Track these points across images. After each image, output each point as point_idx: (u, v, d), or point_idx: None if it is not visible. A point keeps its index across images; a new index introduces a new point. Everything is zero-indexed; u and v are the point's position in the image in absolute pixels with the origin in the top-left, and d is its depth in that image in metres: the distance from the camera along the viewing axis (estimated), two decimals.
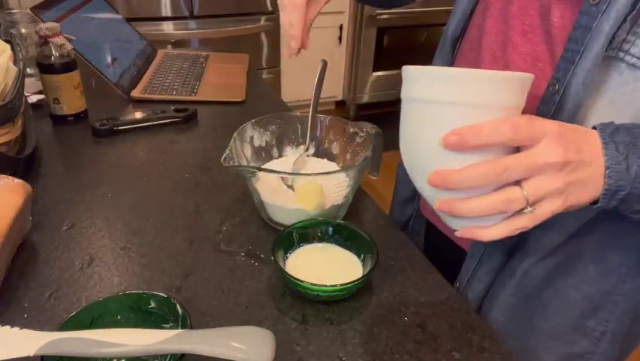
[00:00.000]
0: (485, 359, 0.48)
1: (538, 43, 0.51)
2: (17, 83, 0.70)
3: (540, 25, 0.50)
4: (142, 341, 0.38)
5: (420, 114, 0.43)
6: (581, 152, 0.41)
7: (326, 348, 0.48)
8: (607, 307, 0.56)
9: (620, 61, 0.44)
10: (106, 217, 0.65)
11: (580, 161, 0.40)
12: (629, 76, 0.44)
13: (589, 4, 0.44)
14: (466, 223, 0.44)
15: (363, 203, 0.71)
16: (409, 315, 0.52)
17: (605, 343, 0.57)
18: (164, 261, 0.58)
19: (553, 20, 0.49)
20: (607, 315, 0.56)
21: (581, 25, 0.45)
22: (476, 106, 0.40)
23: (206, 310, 0.51)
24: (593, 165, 0.41)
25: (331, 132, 0.73)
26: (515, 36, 0.53)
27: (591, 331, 0.57)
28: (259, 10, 2.45)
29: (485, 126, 0.39)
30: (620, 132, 0.42)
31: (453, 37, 0.64)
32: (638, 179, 0.40)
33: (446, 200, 0.42)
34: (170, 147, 0.85)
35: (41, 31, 0.83)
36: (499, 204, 0.40)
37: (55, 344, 0.38)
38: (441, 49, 0.67)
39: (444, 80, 0.40)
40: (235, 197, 0.71)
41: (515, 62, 0.53)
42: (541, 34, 0.51)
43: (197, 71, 1.18)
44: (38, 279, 0.54)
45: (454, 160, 0.40)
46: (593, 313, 0.56)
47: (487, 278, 0.60)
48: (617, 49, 0.44)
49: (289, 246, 0.58)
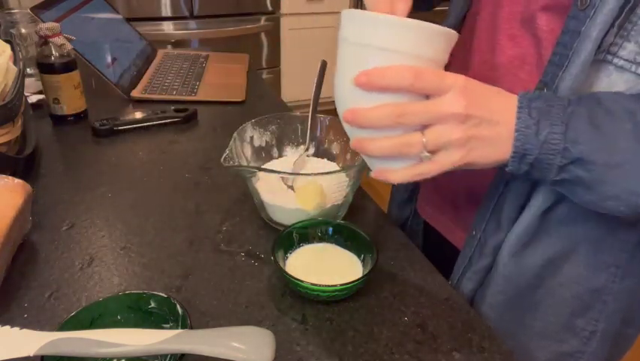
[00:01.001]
0: (485, 359, 0.48)
1: (526, 47, 0.51)
2: (17, 83, 0.70)
3: (528, 28, 0.51)
4: (142, 341, 0.38)
5: (346, 54, 0.45)
6: (488, 110, 0.42)
7: (326, 348, 0.48)
8: (596, 307, 0.56)
9: (608, 63, 0.44)
10: (106, 217, 0.65)
11: (484, 118, 0.42)
12: (617, 78, 0.45)
13: (577, 9, 0.44)
14: (378, 165, 0.47)
15: (363, 203, 0.71)
16: (409, 315, 0.52)
17: (594, 343, 0.57)
18: (164, 261, 0.58)
19: (540, 25, 0.49)
20: (596, 315, 0.56)
21: (570, 30, 0.45)
22: (396, 52, 0.42)
23: (206, 310, 0.51)
24: (501, 126, 0.42)
25: (331, 132, 0.73)
26: (503, 39, 0.53)
27: (580, 330, 0.57)
28: (259, 10, 2.45)
29: (390, 69, 0.41)
30: (540, 99, 0.42)
31: None
32: (548, 145, 0.41)
33: (358, 138, 0.45)
34: (170, 147, 0.85)
35: (41, 31, 0.83)
36: (399, 145, 0.43)
37: (55, 344, 0.38)
38: None
39: (372, 24, 0.42)
40: (235, 197, 0.71)
41: (503, 65, 0.53)
42: (529, 37, 0.51)
43: (197, 71, 1.18)
44: (38, 279, 0.54)
45: (367, 101, 0.43)
46: (583, 312, 0.56)
47: (476, 278, 0.60)
48: (605, 52, 0.44)
49: (289, 246, 0.58)
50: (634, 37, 0.42)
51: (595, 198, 0.43)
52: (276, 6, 2.48)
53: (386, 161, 0.46)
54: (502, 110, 0.43)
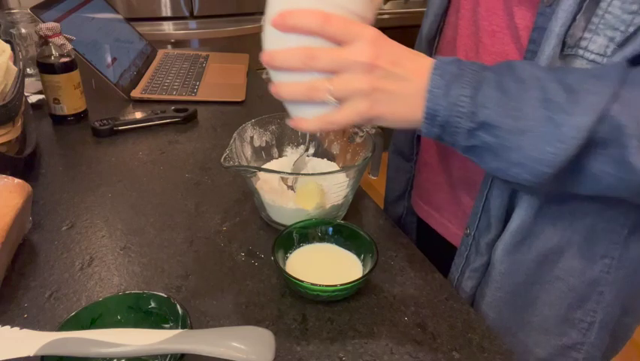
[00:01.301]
0: (485, 359, 0.48)
1: (507, 43, 0.52)
2: (17, 83, 0.70)
3: (507, 25, 0.51)
4: (142, 341, 0.38)
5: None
6: (398, 65, 0.43)
7: (326, 348, 0.48)
8: (593, 298, 0.56)
9: (580, 58, 0.45)
10: (106, 217, 0.65)
11: (392, 72, 0.43)
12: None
13: (544, 5, 0.45)
14: (294, 113, 0.49)
15: (363, 203, 0.71)
16: (409, 315, 0.52)
17: (593, 333, 0.58)
18: (164, 261, 0.58)
19: (517, 22, 0.50)
20: (594, 305, 0.56)
21: (538, 27, 0.46)
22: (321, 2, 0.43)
23: (206, 310, 0.51)
24: (410, 82, 0.43)
25: (331, 132, 0.73)
26: (485, 37, 0.54)
27: (579, 322, 0.58)
28: (259, 10, 2.45)
29: (302, 11, 0.43)
30: (455, 64, 0.43)
31: (428, 37, 0.66)
32: (457, 107, 0.42)
33: (275, 83, 0.47)
34: (170, 147, 0.85)
35: (41, 31, 0.83)
36: (306, 89, 0.45)
37: (55, 344, 0.38)
38: (418, 46, 0.69)
39: None
40: (235, 197, 0.71)
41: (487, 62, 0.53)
42: (509, 34, 0.51)
43: (197, 71, 1.18)
44: (38, 279, 0.54)
45: (283, 44, 0.44)
46: (580, 304, 0.57)
47: (476, 275, 0.60)
48: (575, 47, 0.44)
49: (289, 246, 0.58)
50: (602, 30, 0.43)
51: (501, 165, 0.44)
52: None
53: (299, 108, 0.48)
54: (415, 69, 0.44)
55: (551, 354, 0.60)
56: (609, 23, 0.42)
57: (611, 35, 0.42)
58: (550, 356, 0.60)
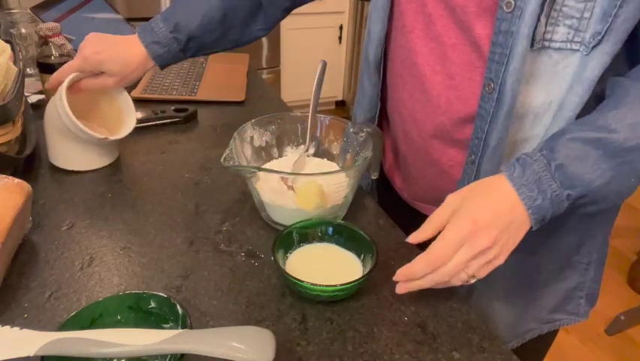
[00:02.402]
0: (485, 359, 0.48)
1: (470, 52, 0.56)
2: (17, 83, 0.70)
3: (465, 37, 0.56)
4: (142, 341, 0.38)
5: None
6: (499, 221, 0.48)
7: (326, 348, 0.48)
8: (588, 242, 0.64)
9: (547, 49, 0.51)
10: (106, 217, 0.65)
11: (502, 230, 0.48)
12: (557, 57, 0.51)
13: (504, 11, 0.50)
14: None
15: (363, 203, 0.71)
16: (409, 315, 0.52)
17: (591, 271, 0.66)
18: (164, 261, 0.58)
19: (477, 32, 0.54)
20: (589, 248, 0.64)
21: (502, 31, 0.51)
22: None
23: (206, 310, 0.51)
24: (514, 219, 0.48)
25: (331, 132, 0.73)
26: (448, 51, 0.58)
27: (578, 264, 0.65)
28: None
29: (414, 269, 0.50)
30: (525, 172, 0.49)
31: (375, 61, 0.69)
32: (555, 201, 0.48)
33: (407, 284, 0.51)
34: (170, 147, 0.85)
35: (41, 31, 0.83)
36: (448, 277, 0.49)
37: (55, 344, 0.38)
38: (366, 71, 0.72)
39: None
40: (235, 197, 0.71)
41: (455, 72, 0.58)
42: (468, 44, 0.56)
43: (197, 71, 1.18)
44: (38, 279, 0.54)
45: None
46: (577, 249, 0.64)
47: None
48: (541, 41, 0.50)
49: (289, 246, 0.58)
50: (561, 21, 0.49)
51: (602, 207, 0.51)
52: None
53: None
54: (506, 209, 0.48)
55: (559, 300, 0.67)
56: (567, 14, 0.48)
57: (569, 24, 0.49)
58: (558, 302, 0.67)
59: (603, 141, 0.47)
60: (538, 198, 0.48)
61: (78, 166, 0.75)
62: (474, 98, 0.57)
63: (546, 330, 0.70)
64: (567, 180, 0.48)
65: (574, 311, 0.68)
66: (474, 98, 0.57)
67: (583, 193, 0.48)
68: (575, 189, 0.48)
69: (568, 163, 0.48)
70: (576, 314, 0.68)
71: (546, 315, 0.68)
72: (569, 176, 0.48)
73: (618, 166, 0.48)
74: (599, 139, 0.48)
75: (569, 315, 0.68)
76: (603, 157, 0.47)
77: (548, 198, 0.48)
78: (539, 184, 0.48)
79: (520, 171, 0.49)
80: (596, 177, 0.48)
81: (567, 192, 0.48)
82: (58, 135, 0.72)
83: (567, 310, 0.68)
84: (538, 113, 0.55)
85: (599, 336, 1.65)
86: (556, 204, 0.48)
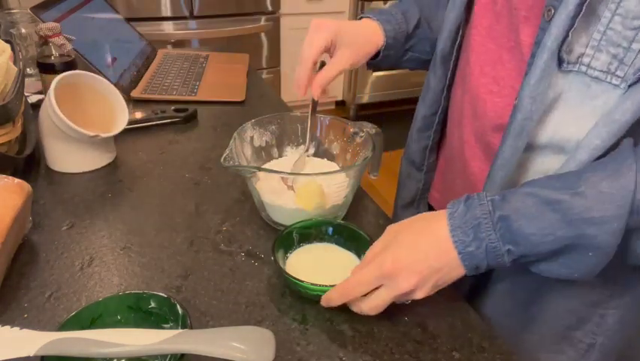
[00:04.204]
0: (485, 359, 0.48)
1: (521, 60, 0.52)
2: (17, 83, 0.70)
3: (516, 40, 0.52)
4: (142, 341, 0.38)
5: None
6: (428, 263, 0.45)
7: (326, 348, 0.48)
8: (593, 320, 0.56)
9: (583, 74, 0.45)
10: (106, 217, 0.65)
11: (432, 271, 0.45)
12: (597, 89, 0.45)
13: (545, 20, 0.46)
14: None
15: (363, 203, 0.71)
16: (409, 315, 0.52)
17: (593, 356, 0.57)
18: (164, 261, 0.58)
19: (522, 38, 0.50)
20: (594, 328, 0.56)
21: (538, 41, 0.47)
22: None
23: (206, 310, 0.51)
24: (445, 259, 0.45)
25: (331, 132, 0.73)
26: (505, 53, 0.54)
27: (578, 342, 0.57)
28: (259, 10, 2.45)
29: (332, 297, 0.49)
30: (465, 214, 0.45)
31: (443, 53, 0.65)
32: (492, 253, 0.44)
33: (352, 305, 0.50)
34: (170, 147, 0.85)
35: (41, 31, 0.83)
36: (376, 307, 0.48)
37: (55, 344, 0.38)
38: (432, 65, 0.69)
39: None
40: (235, 197, 0.71)
41: (502, 77, 0.54)
42: (518, 50, 0.52)
43: (197, 71, 1.18)
44: (38, 279, 0.54)
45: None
46: (580, 325, 0.56)
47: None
48: (578, 63, 0.45)
49: (289, 246, 0.58)
50: (604, 47, 0.43)
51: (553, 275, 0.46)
52: (276, 6, 2.48)
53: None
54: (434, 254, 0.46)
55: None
56: (611, 40, 0.42)
57: (614, 52, 0.43)
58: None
59: (563, 204, 0.42)
60: (471, 245, 0.44)
61: (75, 168, 0.75)
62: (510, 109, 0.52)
63: None
64: (509, 234, 0.43)
65: None
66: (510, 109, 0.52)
67: (526, 253, 0.44)
68: (518, 246, 0.43)
69: (515, 218, 0.43)
70: None
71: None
72: (512, 231, 0.43)
73: (575, 238, 0.42)
74: (558, 201, 0.42)
75: None
76: (559, 223, 0.42)
77: (483, 248, 0.44)
78: (477, 230, 0.44)
79: (463, 211, 0.45)
80: (547, 241, 0.43)
81: (507, 247, 0.44)
82: (52, 138, 0.72)
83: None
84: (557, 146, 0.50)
85: None
86: (492, 256, 0.44)
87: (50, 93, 0.68)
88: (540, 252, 0.43)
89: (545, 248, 0.43)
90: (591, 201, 0.41)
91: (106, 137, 0.73)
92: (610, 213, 0.40)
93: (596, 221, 0.41)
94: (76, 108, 0.73)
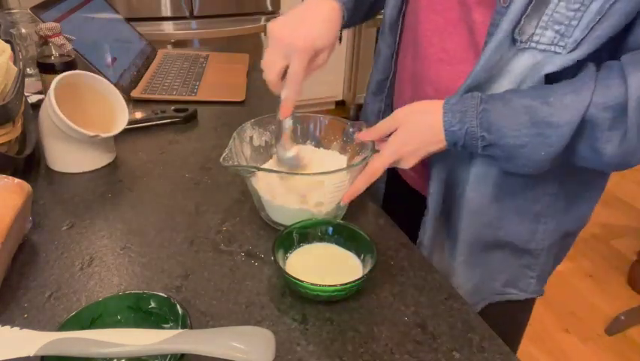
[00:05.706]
0: (485, 359, 0.48)
1: (466, 35, 0.59)
2: (17, 83, 0.70)
3: (464, 20, 0.59)
4: (142, 341, 0.39)
5: None
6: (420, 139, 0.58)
7: (326, 348, 0.48)
8: (540, 229, 0.67)
9: (533, 49, 0.54)
10: (106, 217, 0.65)
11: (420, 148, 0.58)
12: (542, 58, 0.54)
13: (500, 5, 0.53)
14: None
15: (363, 203, 0.71)
16: (409, 315, 0.52)
17: (543, 256, 0.69)
18: (164, 261, 0.58)
19: (475, 17, 0.57)
20: (542, 235, 0.67)
21: (495, 23, 0.54)
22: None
23: (206, 310, 0.51)
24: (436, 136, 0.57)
25: (331, 132, 0.73)
26: (449, 26, 0.61)
27: (533, 249, 0.68)
28: (259, 10, 2.44)
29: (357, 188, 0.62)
30: (458, 103, 0.56)
31: (390, 21, 0.71)
32: (470, 135, 0.55)
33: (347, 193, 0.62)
34: (170, 147, 0.85)
35: (41, 31, 0.83)
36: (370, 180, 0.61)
37: (55, 344, 0.38)
38: (381, 32, 0.74)
39: None
40: (235, 197, 0.71)
41: (451, 48, 0.61)
42: (466, 27, 0.59)
43: (197, 71, 1.18)
44: (38, 279, 0.54)
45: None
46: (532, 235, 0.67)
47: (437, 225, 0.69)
48: (529, 41, 0.53)
49: (289, 246, 0.58)
50: (550, 25, 0.52)
51: (512, 167, 0.57)
52: (276, 6, 2.47)
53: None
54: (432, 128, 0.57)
55: (512, 275, 0.71)
56: (556, 20, 0.51)
57: (557, 28, 0.52)
58: (511, 277, 0.71)
59: (533, 108, 0.53)
60: (456, 125, 0.55)
61: (75, 168, 0.75)
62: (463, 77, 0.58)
63: (497, 300, 0.73)
64: (487, 123, 0.54)
65: (524, 288, 0.72)
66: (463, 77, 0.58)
67: (495, 142, 0.54)
68: (490, 134, 0.54)
69: (494, 112, 0.54)
70: (525, 291, 0.72)
71: (499, 287, 0.72)
72: (490, 121, 0.54)
73: (534, 136, 0.53)
74: (530, 106, 0.53)
75: (519, 291, 0.73)
76: (527, 123, 0.53)
77: (464, 130, 0.55)
78: (463, 115, 0.55)
79: (456, 99, 0.56)
80: (513, 135, 0.53)
81: (482, 134, 0.54)
82: (52, 138, 0.72)
83: (518, 286, 0.72)
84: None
85: (599, 336, 1.65)
86: (469, 138, 0.55)
87: (50, 93, 0.68)
88: (507, 143, 0.54)
89: (511, 141, 0.54)
90: (554, 109, 0.52)
91: (106, 137, 0.73)
92: (565, 120, 0.51)
93: (554, 125, 0.52)
94: (76, 108, 0.73)
